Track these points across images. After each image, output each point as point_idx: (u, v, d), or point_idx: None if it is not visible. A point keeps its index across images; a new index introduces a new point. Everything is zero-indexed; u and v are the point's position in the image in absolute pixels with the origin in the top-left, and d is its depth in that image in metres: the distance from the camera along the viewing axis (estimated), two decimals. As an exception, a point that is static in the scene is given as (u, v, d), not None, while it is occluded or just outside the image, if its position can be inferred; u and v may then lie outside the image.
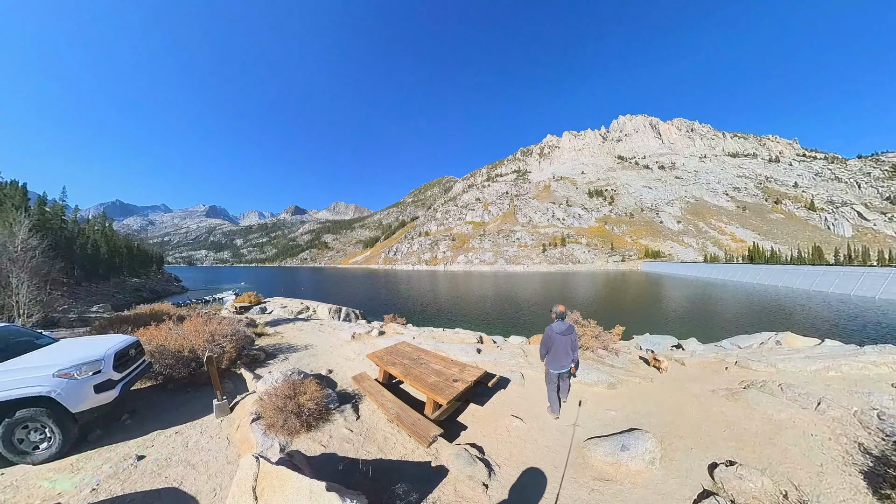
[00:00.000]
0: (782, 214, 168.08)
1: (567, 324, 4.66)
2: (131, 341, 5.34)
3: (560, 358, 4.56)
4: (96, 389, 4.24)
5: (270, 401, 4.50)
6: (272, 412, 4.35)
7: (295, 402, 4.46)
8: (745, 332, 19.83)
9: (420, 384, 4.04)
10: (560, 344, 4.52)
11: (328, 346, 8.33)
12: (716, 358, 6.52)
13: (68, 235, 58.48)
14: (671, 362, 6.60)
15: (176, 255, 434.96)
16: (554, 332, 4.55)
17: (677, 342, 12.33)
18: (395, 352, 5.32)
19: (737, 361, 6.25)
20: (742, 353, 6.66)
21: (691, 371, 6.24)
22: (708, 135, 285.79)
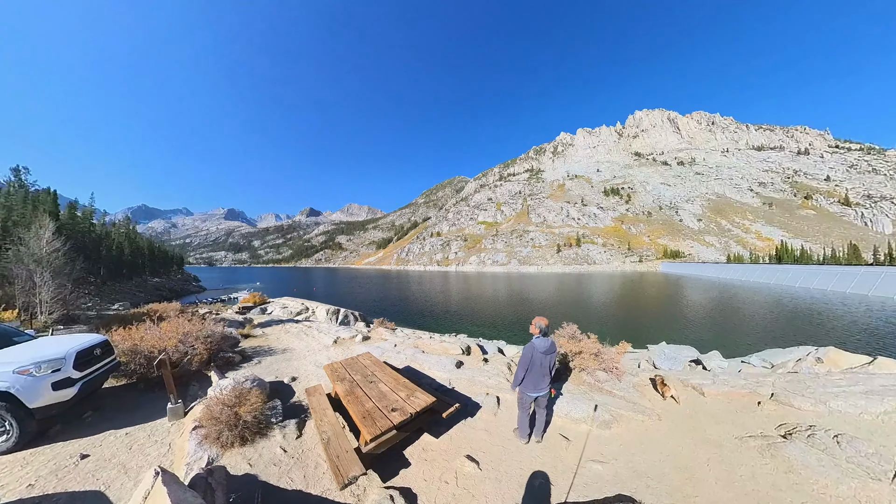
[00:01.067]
0: (813, 210, 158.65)
1: (550, 340, 4.07)
2: (98, 341, 5.53)
3: (538, 380, 3.96)
4: (54, 387, 4.42)
5: (210, 409, 4.25)
6: (209, 421, 4.10)
7: (233, 413, 4.13)
8: (777, 346, 18.16)
9: (355, 408, 3.42)
10: (541, 364, 3.94)
11: (306, 351, 7.98)
12: (745, 387, 5.20)
13: (95, 238, 61.32)
14: (687, 389, 5.51)
15: (196, 256, 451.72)
16: (537, 350, 3.92)
17: (696, 356, 11.20)
18: (352, 365, 4.70)
19: (773, 394, 4.92)
20: (779, 380, 5.33)
21: (712, 404, 5.03)
22: (730, 128, 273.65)
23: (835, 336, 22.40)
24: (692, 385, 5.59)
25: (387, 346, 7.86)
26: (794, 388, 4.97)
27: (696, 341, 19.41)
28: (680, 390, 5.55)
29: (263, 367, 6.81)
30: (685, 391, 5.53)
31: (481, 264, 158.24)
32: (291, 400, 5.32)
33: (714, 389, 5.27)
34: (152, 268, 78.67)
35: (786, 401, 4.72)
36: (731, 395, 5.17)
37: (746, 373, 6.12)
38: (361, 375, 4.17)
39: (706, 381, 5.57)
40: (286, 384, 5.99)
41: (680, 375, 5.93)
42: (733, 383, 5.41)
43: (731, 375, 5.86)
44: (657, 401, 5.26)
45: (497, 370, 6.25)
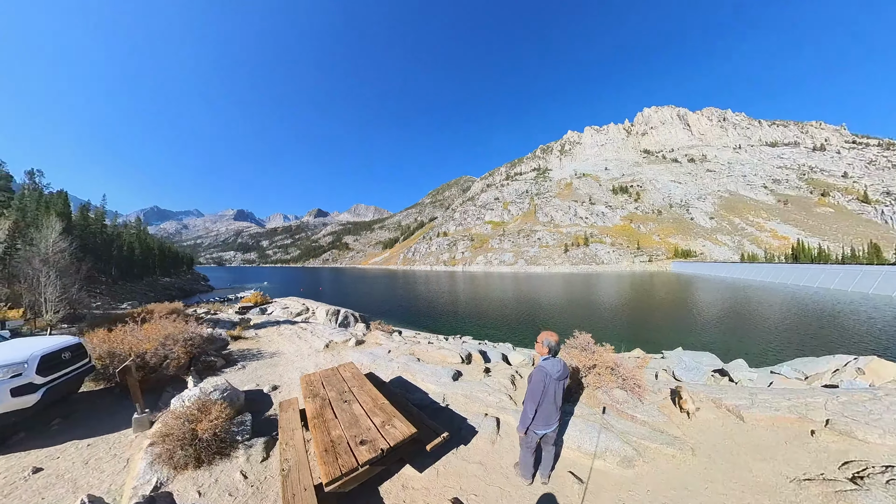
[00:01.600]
0: (830, 208, 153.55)
1: (562, 362, 3.21)
2: (68, 343, 5.25)
3: (549, 413, 3.11)
4: (13, 393, 4.18)
5: (166, 424, 3.78)
6: (162, 438, 3.63)
7: (190, 429, 3.62)
8: (802, 351, 16.95)
9: (319, 436, 2.82)
10: (554, 393, 3.10)
11: (295, 356, 7.44)
12: (792, 410, 4.39)
13: (107, 238, 62.42)
14: (721, 411, 4.68)
15: (207, 256, 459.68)
16: (550, 376, 3.05)
17: (719, 365, 10.32)
18: (330, 378, 4.10)
19: (828, 420, 4.02)
20: (832, 401, 4.46)
21: (754, 432, 4.13)
22: (742, 123, 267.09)
23: (865, 342, 21.02)
24: (727, 406, 4.75)
25: (380, 352, 7.24)
26: (853, 414, 4.12)
27: (714, 347, 18.34)
28: (712, 411, 4.72)
29: (246, 373, 6.28)
30: (718, 413, 4.68)
31: (488, 264, 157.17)
32: (267, 413, 4.75)
33: (755, 413, 4.43)
34: (162, 268, 79.85)
35: (846, 430, 3.87)
36: (776, 421, 4.30)
37: (788, 390, 5.23)
38: (337, 392, 3.55)
39: (742, 402, 4.73)
40: (265, 394, 5.43)
41: (709, 392, 5.10)
42: (776, 404, 4.56)
43: (771, 393, 4.97)
44: (687, 426, 4.46)
45: (499, 384, 5.51)
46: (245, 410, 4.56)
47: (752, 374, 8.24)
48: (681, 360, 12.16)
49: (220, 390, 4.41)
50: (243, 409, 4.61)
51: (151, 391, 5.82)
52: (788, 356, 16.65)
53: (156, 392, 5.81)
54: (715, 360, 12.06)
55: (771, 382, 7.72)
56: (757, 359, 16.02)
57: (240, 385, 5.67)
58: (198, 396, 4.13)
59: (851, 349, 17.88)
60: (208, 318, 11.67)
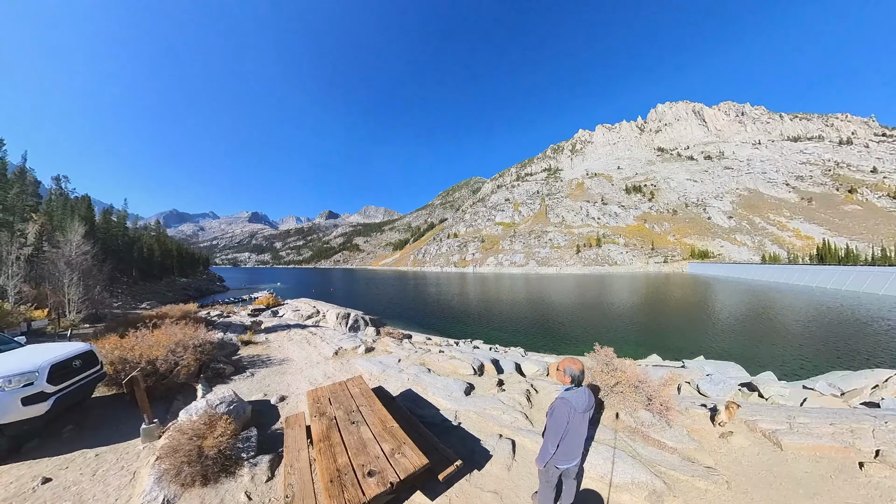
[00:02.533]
0: (859, 206, 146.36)
1: (587, 392, 2.85)
2: (80, 351, 5.27)
3: (573, 447, 2.78)
4: (24, 402, 4.21)
5: (173, 438, 3.69)
6: (168, 454, 3.55)
7: (196, 446, 3.52)
8: (833, 360, 15.89)
9: (324, 463, 2.61)
10: (578, 426, 2.77)
11: (305, 363, 7.31)
12: (836, 437, 3.99)
13: (128, 241, 64.74)
14: (756, 436, 4.30)
15: (222, 258, 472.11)
16: (574, 408, 2.71)
17: (746, 377, 9.73)
18: (338, 394, 3.88)
19: (879, 451, 3.63)
20: (881, 427, 4.07)
21: (795, 463, 3.75)
22: (762, 118, 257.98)
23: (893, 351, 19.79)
24: (762, 430, 4.35)
25: (390, 360, 7.07)
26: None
27: (736, 355, 17.47)
28: (746, 435, 4.34)
29: (254, 382, 6.21)
30: (753, 438, 4.29)
31: (499, 265, 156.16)
32: (274, 427, 4.59)
33: (795, 441, 4.04)
34: (180, 268, 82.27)
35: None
36: (819, 451, 3.89)
37: (828, 411, 4.77)
38: (345, 410, 3.37)
39: (780, 426, 4.34)
40: (272, 405, 5.29)
41: (742, 413, 4.73)
42: (818, 430, 4.16)
43: (810, 416, 4.55)
44: (720, 454, 4.07)
45: (513, 400, 5.23)
46: (252, 423, 4.45)
47: (783, 389, 7.71)
48: (703, 369, 11.55)
49: (226, 403, 4.32)
50: (250, 422, 4.51)
51: (162, 399, 5.83)
52: (818, 366, 15.73)
53: (166, 399, 5.80)
54: (741, 371, 11.39)
55: (805, 399, 7.20)
56: (785, 370, 15.17)
57: (247, 394, 5.60)
58: (204, 410, 4.05)
59: (889, 360, 16.80)
60: (220, 322, 11.77)
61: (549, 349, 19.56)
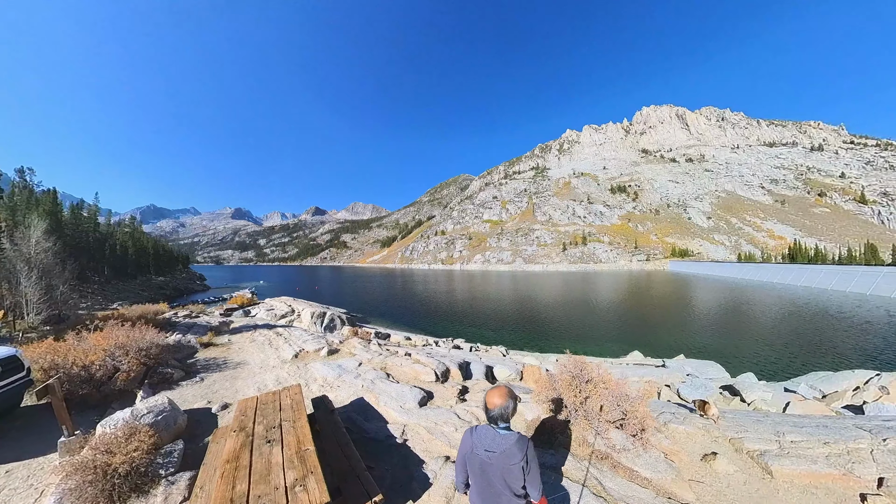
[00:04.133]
0: (827, 208, 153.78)
1: (512, 435, 2.05)
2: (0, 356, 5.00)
3: (492, 495, 2.03)
4: None
5: (82, 454, 3.35)
6: (73, 471, 3.17)
7: (104, 461, 3.18)
8: (808, 356, 16.27)
9: (222, 488, 2.27)
10: (488, 472, 2.03)
11: (259, 367, 6.93)
12: (833, 462, 3.66)
13: (100, 237, 61.65)
14: (743, 459, 3.96)
15: (204, 255, 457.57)
16: (476, 446, 2.06)
17: (727, 379, 9.74)
18: (268, 405, 3.49)
19: (882, 480, 3.30)
20: (880, 448, 3.79)
21: (787, 495, 3.41)
22: (741, 123, 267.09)
23: (867, 347, 20.54)
24: (749, 452, 3.97)
25: (350, 364, 6.68)
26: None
27: (715, 352, 17.81)
28: (731, 458, 3.97)
29: (202, 388, 5.79)
30: (739, 462, 3.90)
31: (486, 263, 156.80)
32: (208, 439, 4.15)
33: (787, 467, 3.66)
34: (157, 267, 79.00)
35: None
36: (814, 479, 3.51)
37: (820, 424, 4.56)
38: (266, 426, 3.00)
39: (769, 446, 3.99)
40: (213, 414, 4.89)
41: (726, 429, 4.47)
42: (811, 453, 3.81)
43: (801, 433, 4.29)
44: (702, 486, 3.61)
45: (470, 414, 4.85)
46: (184, 435, 4.08)
47: (765, 392, 7.71)
48: (683, 369, 11.59)
49: (155, 412, 3.92)
50: (183, 433, 4.13)
51: (96, 407, 5.37)
52: (794, 363, 16.22)
53: (100, 409, 5.35)
54: (721, 370, 11.45)
55: (787, 403, 7.24)
56: (763, 367, 15.51)
57: (190, 401, 5.20)
58: (126, 421, 3.66)
59: (855, 356, 17.49)
60: (184, 323, 11.16)
61: (533, 347, 19.57)
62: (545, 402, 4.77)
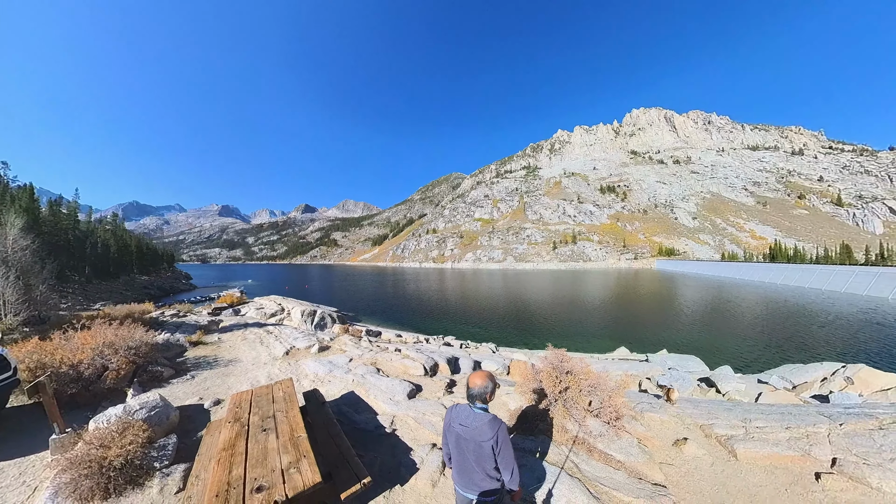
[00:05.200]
0: (806, 210, 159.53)
1: (485, 416, 2.25)
2: None
3: (464, 472, 2.28)
4: None
5: (76, 449, 3.41)
6: (68, 465, 3.23)
7: (99, 455, 3.25)
8: (787, 353, 17.11)
9: (219, 472, 2.42)
10: (462, 446, 2.26)
11: (251, 364, 6.98)
12: (792, 445, 3.96)
13: (80, 235, 59.69)
14: (711, 443, 4.28)
15: (190, 254, 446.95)
16: (453, 420, 2.34)
17: (705, 371, 10.22)
18: (261, 398, 3.62)
19: (836, 460, 3.61)
20: (836, 432, 4.13)
21: (750, 475, 3.69)
22: (726, 127, 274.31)
23: (838, 335, 21.67)
24: (717, 437, 4.29)
25: (341, 360, 6.82)
26: (863, 451, 3.67)
27: (697, 347, 18.52)
28: (701, 443, 4.29)
29: (193, 385, 5.83)
30: (708, 446, 4.20)
31: (477, 261, 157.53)
32: (201, 433, 4.23)
33: (750, 449, 3.98)
34: (141, 266, 76.94)
35: (857, 475, 3.40)
36: (774, 461, 3.82)
37: (784, 412, 4.93)
38: (261, 416, 3.14)
39: (736, 431, 4.32)
40: (205, 409, 4.95)
41: (698, 416, 4.78)
42: (775, 436, 4.15)
43: (767, 418, 4.64)
44: (672, 467, 3.86)
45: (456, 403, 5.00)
46: (177, 430, 4.17)
47: (739, 384, 8.14)
48: (666, 363, 12.06)
49: (147, 408, 4.00)
50: (175, 428, 4.22)
51: (86, 406, 5.37)
52: (770, 356, 16.98)
53: (90, 407, 5.36)
54: (701, 364, 11.95)
55: (760, 393, 7.65)
56: (741, 362, 16.17)
57: (182, 398, 5.25)
58: (119, 416, 3.73)
59: (827, 349, 18.40)
60: (172, 322, 11.06)
61: (523, 343, 19.91)
62: (528, 393, 5.03)
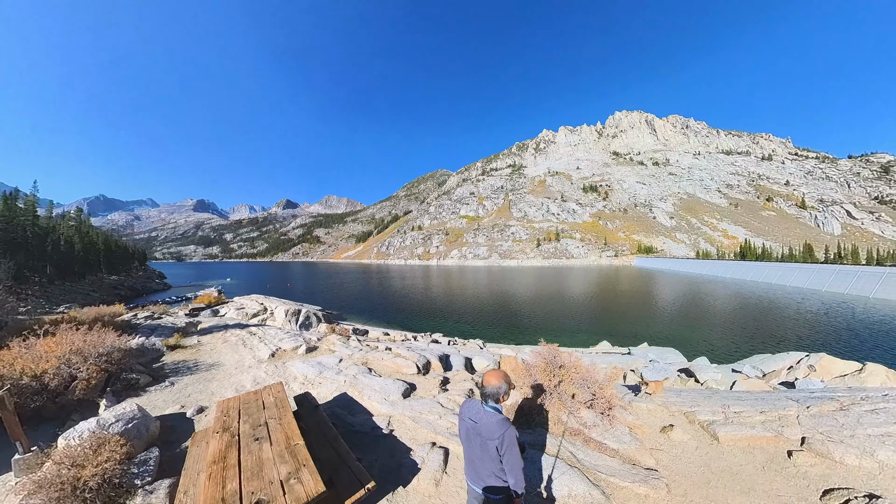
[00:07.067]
0: (774, 212, 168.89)
1: (496, 415, 2.27)
2: None
3: (475, 465, 2.32)
4: None
5: (45, 469, 3.13)
6: (37, 487, 2.95)
7: (72, 475, 2.98)
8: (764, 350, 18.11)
9: (212, 488, 2.27)
10: (471, 439, 2.32)
11: (235, 368, 6.65)
12: (767, 427, 4.32)
13: (40, 232, 55.64)
14: (694, 428, 4.58)
15: (164, 251, 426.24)
16: (464, 413, 2.42)
17: (684, 363, 10.69)
18: (249, 405, 3.40)
19: (804, 439, 3.98)
20: (805, 414, 4.53)
21: (731, 456, 3.98)
22: (702, 132, 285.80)
23: (803, 328, 23.13)
24: (700, 422, 4.57)
25: (330, 361, 6.62)
26: (828, 430, 4.08)
27: (675, 340, 19.32)
28: (686, 429, 4.55)
29: (173, 392, 5.49)
30: (692, 431, 4.50)
31: (462, 258, 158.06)
32: (185, 444, 3.98)
33: (730, 432, 4.31)
34: (109, 264, 72.60)
35: (823, 450, 3.79)
36: (751, 442, 4.17)
37: (758, 398, 5.29)
38: (251, 424, 2.95)
39: (716, 416, 4.61)
40: (188, 418, 4.64)
41: (682, 404, 5.03)
42: (750, 420, 4.49)
43: (742, 403, 4.98)
44: (661, 452, 4.10)
45: (454, 402, 5.00)
46: (157, 442, 3.91)
47: (716, 374, 8.57)
48: (647, 356, 12.54)
49: (124, 420, 3.72)
50: (156, 440, 3.96)
51: (53, 420, 4.94)
52: (741, 347, 17.97)
53: (59, 420, 4.96)
54: (679, 356, 12.48)
55: (734, 382, 8.08)
56: (715, 353, 17.02)
57: (161, 407, 4.95)
58: (92, 431, 3.45)
59: (789, 338, 19.69)
60: (146, 325, 10.47)
61: (509, 339, 20.14)
62: (523, 388, 5.08)
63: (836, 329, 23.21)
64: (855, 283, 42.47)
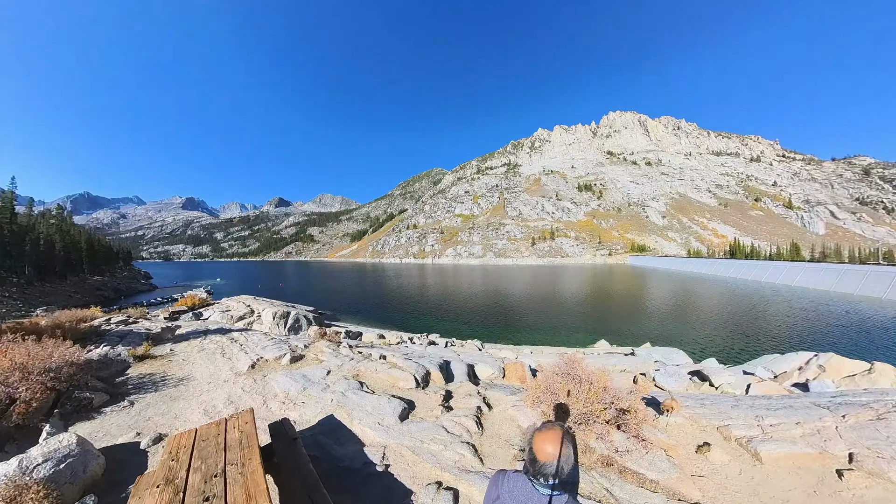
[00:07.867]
0: (762, 212, 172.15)
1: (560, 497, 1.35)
2: None
3: None
4: None
5: None
6: None
7: None
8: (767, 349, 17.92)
9: None
10: None
11: (207, 383, 5.87)
12: (809, 442, 3.82)
13: (18, 230, 53.35)
14: (731, 446, 4.08)
15: (150, 251, 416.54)
16: (505, 499, 1.45)
17: (692, 365, 10.25)
18: (209, 442, 2.60)
19: (852, 455, 3.52)
20: (843, 425, 4.04)
21: (777, 478, 3.48)
22: (694, 133, 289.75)
23: (798, 325, 23.13)
24: (737, 439, 4.08)
25: (317, 374, 5.89)
26: (873, 444, 3.61)
27: (677, 339, 19.02)
28: (723, 447, 4.05)
29: (131, 414, 4.71)
30: (731, 451, 4.00)
31: (457, 257, 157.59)
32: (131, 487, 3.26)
33: (773, 451, 3.84)
34: (92, 264, 70.14)
35: (876, 469, 3.34)
36: (796, 461, 3.70)
37: (789, 406, 4.82)
38: (203, 475, 2.25)
39: (754, 433, 4.12)
40: (142, 450, 3.88)
41: (712, 417, 4.51)
42: (789, 434, 4.02)
43: (776, 415, 4.49)
44: (704, 480, 3.57)
45: (459, 426, 4.31)
46: (101, 484, 3.19)
47: (730, 377, 8.14)
48: (651, 357, 12.11)
49: (55, 459, 2.99)
50: (98, 481, 3.23)
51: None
52: (746, 346, 17.78)
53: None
54: (685, 357, 12.07)
55: (749, 385, 7.66)
56: (720, 351, 16.73)
57: (115, 434, 4.20)
58: (7, 477, 2.73)
59: (785, 336, 19.80)
60: (116, 332, 9.60)
61: (507, 339, 19.61)
62: (539, 406, 4.47)
63: (826, 325, 23.54)
64: (839, 280, 43.39)
